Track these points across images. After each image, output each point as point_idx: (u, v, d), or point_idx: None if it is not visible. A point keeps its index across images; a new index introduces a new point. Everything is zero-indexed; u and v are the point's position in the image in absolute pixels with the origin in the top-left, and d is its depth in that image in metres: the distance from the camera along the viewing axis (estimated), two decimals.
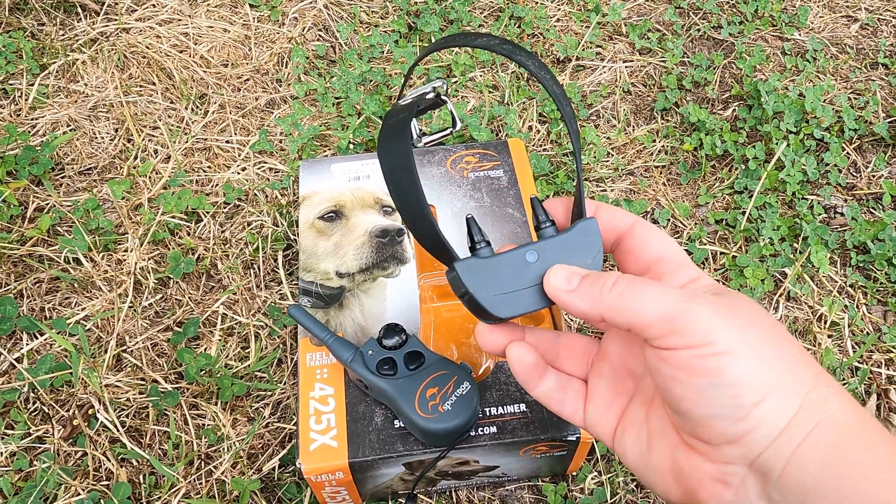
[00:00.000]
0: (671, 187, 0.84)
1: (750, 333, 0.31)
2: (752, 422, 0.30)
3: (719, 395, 0.30)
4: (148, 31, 0.96)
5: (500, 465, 0.57)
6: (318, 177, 0.70)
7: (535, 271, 0.37)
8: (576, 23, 1.01)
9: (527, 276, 0.37)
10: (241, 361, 0.69)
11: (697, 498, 0.32)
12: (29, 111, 0.88)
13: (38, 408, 0.65)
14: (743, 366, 0.30)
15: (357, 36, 0.98)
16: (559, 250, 0.37)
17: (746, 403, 0.29)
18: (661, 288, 0.32)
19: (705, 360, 0.30)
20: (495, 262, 0.37)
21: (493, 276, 0.37)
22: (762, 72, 0.95)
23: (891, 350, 0.71)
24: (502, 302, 0.37)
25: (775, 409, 0.29)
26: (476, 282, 0.37)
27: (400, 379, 0.52)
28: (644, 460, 0.35)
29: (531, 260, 0.37)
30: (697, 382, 0.30)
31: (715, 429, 0.30)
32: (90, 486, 0.60)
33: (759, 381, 0.30)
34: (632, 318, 0.32)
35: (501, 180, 0.69)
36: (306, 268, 0.63)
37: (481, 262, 0.37)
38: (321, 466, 0.52)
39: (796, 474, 0.29)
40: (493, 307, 0.36)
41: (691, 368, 0.30)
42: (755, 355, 0.30)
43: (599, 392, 0.38)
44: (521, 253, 0.37)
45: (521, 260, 0.37)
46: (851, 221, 0.80)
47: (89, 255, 0.75)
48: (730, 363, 0.30)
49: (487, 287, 0.37)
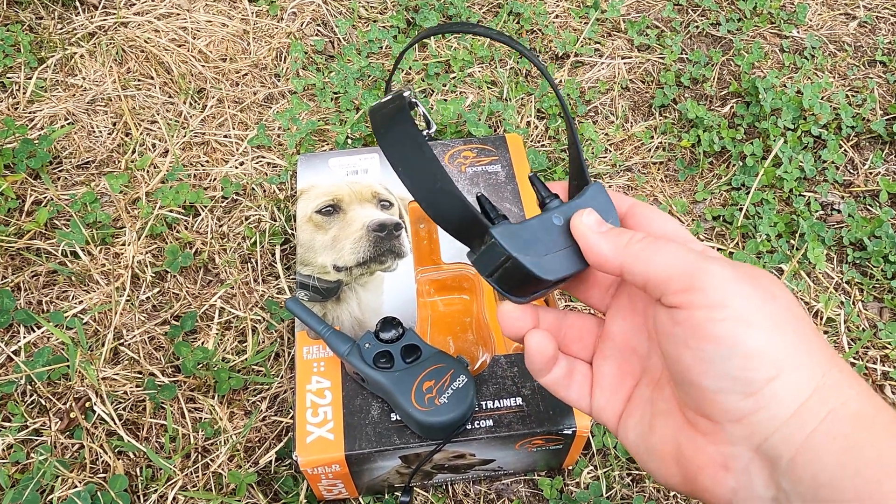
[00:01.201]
0: (669, 184, 0.85)
1: (769, 305, 0.29)
2: (762, 399, 0.28)
3: (730, 365, 0.28)
4: (146, 25, 0.96)
5: (496, 458, 0.57)
6: (316, 171, 0.70)
7: (565, 233, 0.36)
8: (574, 19, 1.01)
9: (560, 238, 0.36)
10: (239, 355, 0.69)
11: (698, 484, 0.31)
12: (27, 104, 0.88)
13: (35, 400, 0.65)
14: (759, 337, 0.28)
15: (356, 31, 0.98)
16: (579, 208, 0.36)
17: (759, 378, 0.28)
18: (684, 247, 0.31)
19: (719, 325, 0.28)
20: (528, 227, 0.36)
21: (530, 240, 0.35)
22: (760, 69, 0.96)
23: (886, 346, 0.71)
24: (546, 264, 0.35)
25: (789, 388, 0.28)
26: (517, 246, 0.35)
27: (396, 372, 0.52)
28: (646, 444, 0.33)
29: (558, 223, 0.36)
30: (708, 350, 0.29)
31: (722, 404, 0.29)
32: (87, 479, 0.60)
33: (774, 356, 0.28)
34: (651, 270, 0.31)
35: (499, 175, 0.69)
36: (304, 261, 0.64)
37: (516, 226, 0.35)
38: (318, 459, 0.52)
39: (809, 465, 0.27)
40: (541, 270, 0.34)
41: (703, 333, 0.29)
42: (772, 328, 0.28)
43: (605, 375, 0.36)
44: (549, 217, 0.36)
45: (549, 223, 0.36)
46: (848, 218, 0.80)
47: (87, 248, 0.75)
48: (745, 332, 0.28)
49: (528, 251, 0.35)
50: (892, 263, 0.76)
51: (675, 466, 0.32)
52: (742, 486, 0.29)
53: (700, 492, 0.31)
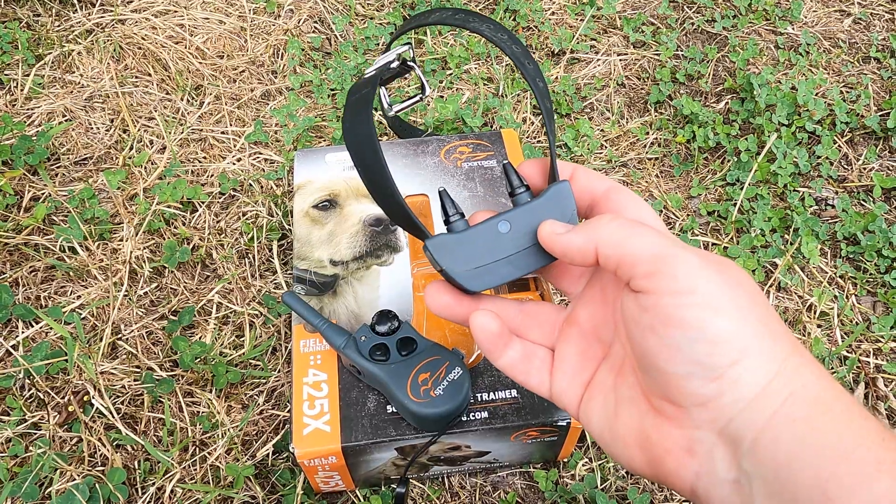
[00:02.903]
0: (664, 179, 0.85)
1: (735, 291, 0.29)
2: (725, 383, 0.28)
3: (695, 350, 0.29)
4: (143, 22, 0.96)
5: (491, 450, 0.58)
6: (312, 166, 0.71)
7: (508, 241, 0.37)
8: (570, 16, 1.01)
9: (500, 248, 0.37)
10: (236, 350, 0.69)
11: (663, 468, 0.31)
12: (25, 101, 0.88)
13: (34, 394, 0.65)
14: (724, 322, 0.29)
15: (352, 28, 0.98)
16: (532, 217, 0.37)
17: (723, 362, 0.28)
18: (657, 232, 0.32)
19: (686, 310, 0.29)
20: (468, 236, 0.37)
21: (467, 251, 0.36)
22: (755, 65, 0.96)
23: (879, 339, 0.72)
24: (476, 275, 0.36)
25: (751, 372, 0.28)
26: (449, 258, 0.36)
27: (392, 364, 0.53)
28: (610, 429, 0.34)
29: (503, 230, 0.37)
30: (674, 335, 0.29)
31: (687, 388, 0.29)
32: (85, 472, 0.60)
33: (738, 341, 0.28)
34: (625, 251, 0.31)
35: (495, 170, 0.70)
36: (300, 256, 0.64)
37: (453, 237, 0.37)
38: (314, 451, 0.53)
39: (769, 447, 0.28)
40: (467, 282, 0.36)
41: (670, 318, 0.29)
42: (738, 314, 0.29)
43: (566, 360, 0.36)
44: (494, 224, 0.37)
45: (493, 232, 0.37)
46: (842, 213, 0.81)
47: (85, 244, 0.75)
48: (711, 317, 0.29)
49: (461, 262, 0.36)
50: (885, 258, 0.77)
51: (639, 451, 0.32)
52: (705, 469, 0.30)
53: (664, 475, 0.31)
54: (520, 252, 0.36)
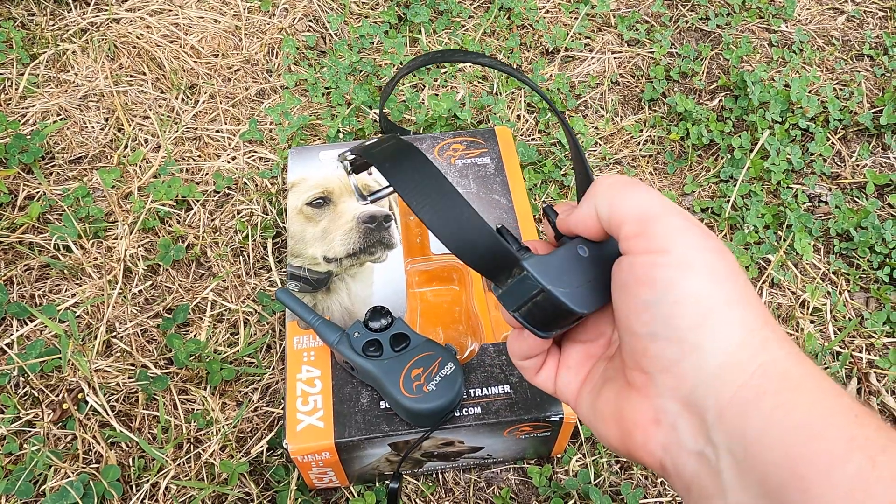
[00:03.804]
0: (658, 176, 0.85)
1: (714, 256, 0.29)
2: (686, 346, 0.28)
3: (660, 310, 0.28)
4: (138, 21, 0.96)
5: (485, 446, 0.58)
6: (306, 164, 0.71)
7: (590, 264, 0.35)
8: (564, 14, 1.01)
9: (588, 270, 0.35)
10: (231, 347, 0.69)
11: (633, 441, 0.31)
12: (19, 100, 0.88)
13: (28, 392, 0.65)
14: (693, 283, 0.28)
15: (347, 27, 0.98)
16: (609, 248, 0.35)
17: (683, 324, 0.28)
18: (652, 193, 0.31)
19: (658, 270, 0.29)
20: (556, 258, 0.35)
21: (561, 272, 0.34)
22: (749, 63, 0.96)
23: (872, 335, 0.72)
24: (579, 296, 0.34)
25: (715, 338, 0.28)
26: (550, 278, 0.33)
27: (385, 360, 0.53)
28: (593, 408, 0.34)
29: (583, 255, 0.35)
30: (643, 294, 0.29)
31: (651, 350, 0.29)
32: (80, 469, 0.61)
33: (704, 304, 0.28)
34: (613, 211, 0.31)
35: (488, 167, 0.70)
36: (294, 253, 0.64)
37: (546, 258, 0.34)
38: (308, 447, 0.53)
39: (738, 420, 0.27)
40: (575, 303, 0.33)
41: (643, 277, 0.29)
42: (710, 278, 0.28)
43: (571, 356, 0.37)
44: (573, 248, 0.35)
45: (575, 254, 0.35)
46: (835, 210, 0.81)
47: (79, 242, 0.75)
48: (680, 277, 0.28)
49: (561, 283, 0.33)
50: (877, 254, 0.77)
51: (614, 426, 0.32)
52: (671, 440, 0.29)
53: (634, 449, 0.31)
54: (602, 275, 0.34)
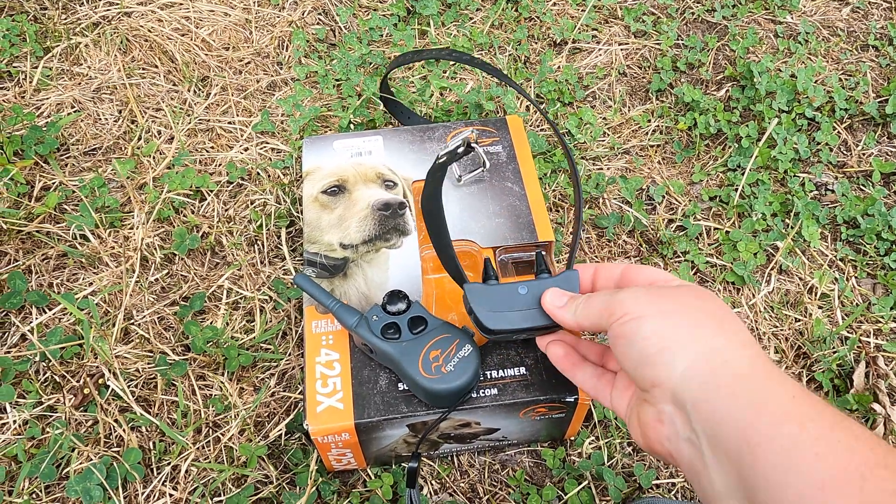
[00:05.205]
0: (666, 165, 0.86)
1: (661, 304, 0.41)
2: (661, 367, 0.39)
3: (634, 349, 0.40)
4: (150, 14, 0.97)
5: (500, 427, 0.59)
6: (320, 153, 0.72)
7: (523, 300, 0.50)
8: (572, 6, 1.02)
9: (517, 302, 0.50)
10: (247, 334, 0.70)
11: (648, 438, 0.41)
12: (34, 93, 0.89)
13: (50, 377, 0.66)
14: (649, 325, 0.40)
15: (356, 20, 0.99)
16: (544, 287, 0.49)
17: (652, 353, 0.39)
18: (605, 293, 0.44)
19: (624, 326, 0.41)
20: (494, 290, 0.50)
21: (491, 299, 0.50)
22: (755, 53, 0.97)
23: (879, 320, 0.73)
24: (494, 318, 0.49)
25: (676, 356, 0.38)
26: (477, 300, 0.50)
27: (404, 342, 0.54)
28: (628, 417, 0.45)
29: (522, 292, 0.50)
30: (622, 344, 0.41)
31: (640, 376, 0.40)
32: (102, 452, 0.62)
33: (662, 336, 0.39)
34: (591, 322, 0.44)
35: (500, 155, 0.71)
36: (311, 240, 0.65)
37: (483, 287, 0.51)
38: (328, 427, 0.54)
39: (704, 408, 0.36)
40: (487, 320, 0.49)
41: (619, 335, 0.41)
42: (662, 318, 0.40)
43: (621, 379, 0.47)
44: (515, 286, 0.50)
45: (514, 290, 0.50)
46: (842, 198, 0.82)
47: (96, 231, 0.76)
48: (639, 325, 0.40)
49: (485, 305, 0.50)
50: (884, 241, 0.78)
51: (639, 428, 0.42)
52: (671, 432, 0.39)
53: (651, 444, 0.41)
54: (529, 310, 0.49)
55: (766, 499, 0.33)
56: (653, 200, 0.82)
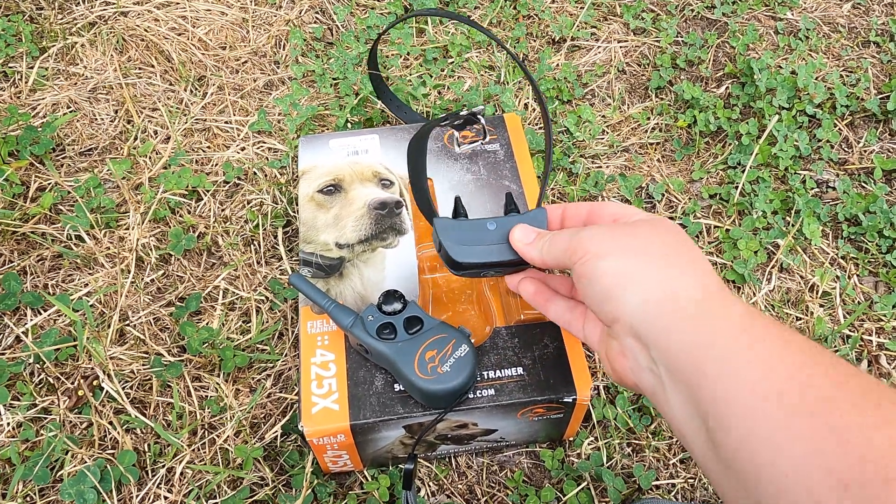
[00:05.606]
0: (666, 163, 0.86)
1: (619, 240, 0.42)
2: (619, 303, 0.40)
3: (595, 287, 0.41)
4: (146, 14, 0.97)
5: (498, 428, 0.58)
6: (317, 152, 0.71)
7: (491, 235, 0.50)
8: (570, 3, 1.01)
9: (485, 237, 0.50)
10: (243, 334, 0.70)
11: (616, 370, 0.43)
12: (29, 93, 0.88)
13: (44, 379, 0.66)
14: (607, 263, 0.41)
15: (354, 18, 0.99)
16: (512, 224, 0.50)
17: (610, 289, 0.40)
18: (568, 232, 0.45)
19: (585, 266, 0.42)
20: (463, 224, 0.51)
21: (461, 234, 0.50)
22: (755, 50, 0.96)
23: (881, 318, 0.72)
24: (462, 251, 0.50)
25: (634, 293, 0.39)
26: (446, 234, 0.50)
27: (399, 342, 0.53)
28: (599, 351, 0.46)
29: (491, 228, 0.50)
30: (585, 283, 0.42)
31: (604, 313, 0.42)
32: (96, 454, 0.61)
33: (619, 273, 0.40)
34: (555, 259, 0.45)
35: (498, 154, 0.70)
36: (306, 239, 0.64)
37: (454, 221, 0.51)
38: (323, 429, 0.53)
39: (661, 339, 0.38)
40: (455, 254, 0.50)
41: (581, 274, 0.42)
42: (618, 255, 0.41)
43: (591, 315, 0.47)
44: (484, 222, 0.51)
45: (483, 226, 0.50)
46: (843, 195, 0.81)
47: (91, 232, 0.76)
48: (597, 263, 0.41)
49: (455, 239, 0.50)
50: (886, 238, 0.77)
51: (607, 361, 0.44)
52: (634, 364, 0.41)
53: (619, 375, 0.43)
54: (497, 244, 0.50)
55: (717, 415, 0.34)
56: (652, 198, 0.82)
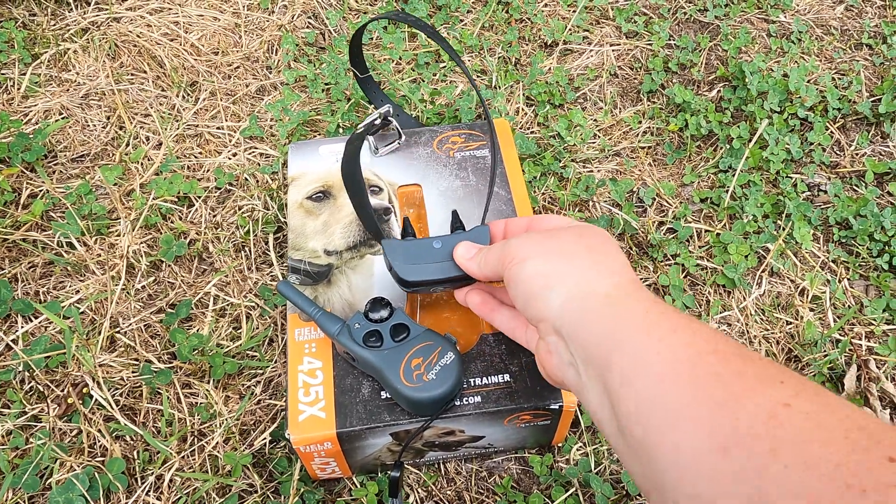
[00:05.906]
0: (657, 167, 0.85)
1: (544, 245, 0.45)
2: (543, 302, 0.43)
3: (521, 288, 0.44)
4: (138, 20, 0.97)
5: (485, 435, 0.58)
6: (306, 158, 0.71)
7: (438, 254, 0.54)
8: (563, 7, 1.01)
9: (431, 256, 0.54)
10: (233, 341, 0.70)
11: (545, 369, 0.45)
12: (21, 100, 0.89)
13: (34, 387, 0.66)
14: (531, 266, 0.44)
15: (346, 23, 0.99)
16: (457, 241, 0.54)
17: (535, 291, 0.43)
18: (501, 243, 0.48)
19: (512, 270, 0.45)
20: (410, 244, 0.55)
21: (408, 253, 0.54)
22: (747, 53, 0.96)
23: (872, 322, 0.72)
24: (410, 270, 0.53)
25: (554, 291, 0.42)
26: (394, 255, 0.54)
27: (385, 350, 0.53)
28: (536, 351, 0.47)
29: (437, 246, 0.54)
30: (513, 287, 0.45)
31: (529, 313, 0.44)
32: (85, 462, 0.61)
33: (542, 275, 0.44)
34: (492, 270, 0.48)
35: (487, 160, 0.70)
36: (295, 246, 0.65)
37: (400, 242, 0.55)
38: (310, 437, 0.54)
39: (576, 333, 0.41)
40: (404, 273, 0.54)
41: (509, 279, 0.46)
42: (542, 259, 0.44)
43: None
44: (430, 241, 0.54)
45: (429, 245, 0.54)
46: (834, 198, 0.81)
47: (82, 239, 0.76)
48: (523, 266, 0.45)
49: (401, 259, 0.54)
50: (877, 242, 0.77)
51: (539, 363, 0.46)
52: (558, 361, 0.43)
53: (549, 373, 0.45)
54: (443, 262, 0.53)
55: (621, 399, 0.36)
56: (643, 203, 0.82)
